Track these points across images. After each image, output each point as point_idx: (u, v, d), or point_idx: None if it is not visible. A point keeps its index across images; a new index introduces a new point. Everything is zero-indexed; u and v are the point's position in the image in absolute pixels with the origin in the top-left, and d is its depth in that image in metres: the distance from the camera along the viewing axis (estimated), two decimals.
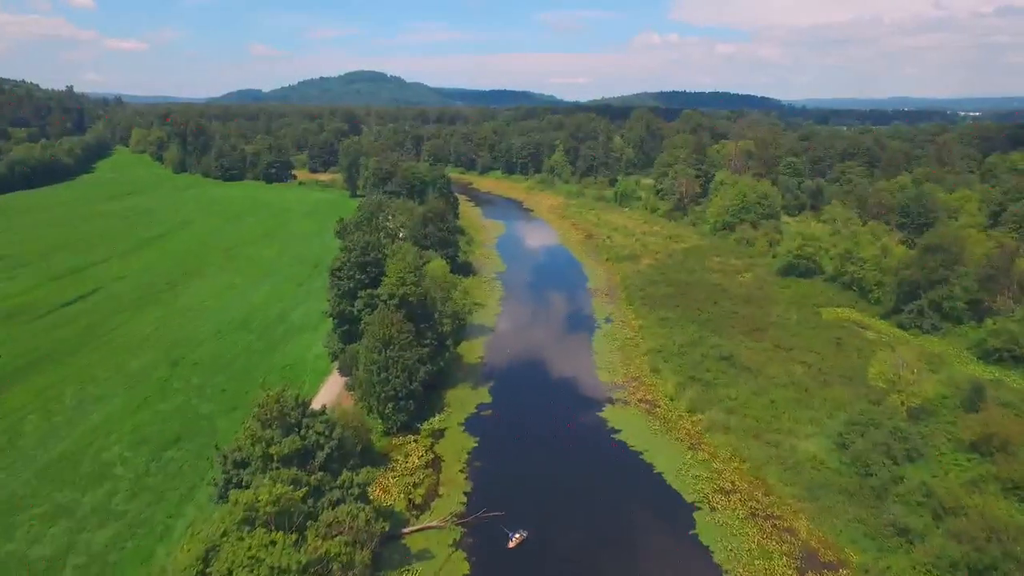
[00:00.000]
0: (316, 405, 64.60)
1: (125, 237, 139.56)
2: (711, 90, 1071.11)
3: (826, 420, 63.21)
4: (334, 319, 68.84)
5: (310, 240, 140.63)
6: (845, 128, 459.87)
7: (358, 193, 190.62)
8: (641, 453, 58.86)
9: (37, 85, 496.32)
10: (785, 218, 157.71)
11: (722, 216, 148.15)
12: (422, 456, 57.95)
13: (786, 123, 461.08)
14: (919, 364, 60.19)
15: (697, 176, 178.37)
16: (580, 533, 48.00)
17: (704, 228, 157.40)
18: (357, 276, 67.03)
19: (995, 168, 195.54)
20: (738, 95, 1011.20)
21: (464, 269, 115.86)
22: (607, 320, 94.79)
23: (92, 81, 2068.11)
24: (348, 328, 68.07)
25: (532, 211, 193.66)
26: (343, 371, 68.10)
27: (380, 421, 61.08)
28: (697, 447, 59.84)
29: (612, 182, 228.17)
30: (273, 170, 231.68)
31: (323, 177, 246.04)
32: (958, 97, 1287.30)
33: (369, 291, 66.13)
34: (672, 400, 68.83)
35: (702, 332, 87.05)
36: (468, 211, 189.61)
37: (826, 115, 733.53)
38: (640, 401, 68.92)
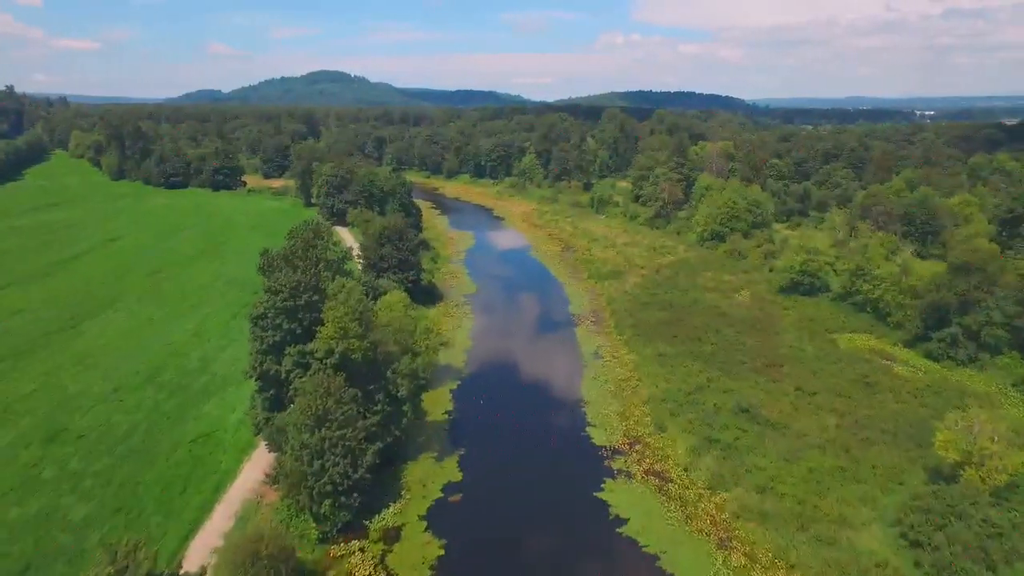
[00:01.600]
0: (233, 496, 49.61)
1: (35, 258, 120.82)
2: (676, 89, 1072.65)
3: (881, 497, 50.59)
4: (256, 380, 53.59)
5: (253, 259, 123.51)
6: (811, 127, 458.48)
7: (313, 202, 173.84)
8: (658, 557, 45.22)
9: None
10: (775, 225, 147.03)
11: (710, 225, 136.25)
12: None
13: (754, 123, 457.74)
14: (1001, 429, 47.84)
15: (679, 180, 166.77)
16: None
17: (690, 237, 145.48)
18: (285, 326, 51.95)
19: (980, 169, 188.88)
20: (703, 94, 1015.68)
21: (428, 293, 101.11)
22: (596, 355, 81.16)
23: (41, 82, 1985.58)
24: (275, 393, 52.92)
25: (503, 219, 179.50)
26: (272, 446, 52.91)
27: (314, 523, 46.23)
28: (728, 544, 46.42)
29: (587, 186, 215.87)
30: (220, 176, 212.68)
31: (277, 183, 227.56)
32: (910, 97, 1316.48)
33: (299, 347, 51.08)
34: (687, 471, 55.38)
35: (708, 371, 74.10)
36: (434, 220, 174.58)
37: (791, 114, 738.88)
38: (647, 473, 55.30)
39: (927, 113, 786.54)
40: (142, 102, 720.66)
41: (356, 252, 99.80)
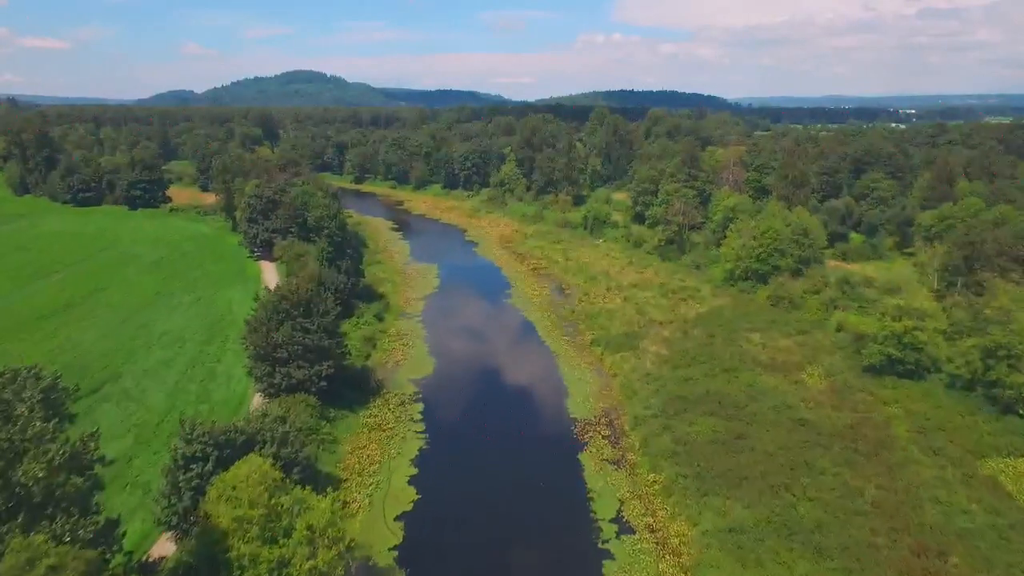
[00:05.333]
0: None
1: None
2: (657, 89, 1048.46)
3: None
4: None
5: (132, 316, 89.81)
6: (801, 127, 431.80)
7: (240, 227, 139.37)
8: None
9: None
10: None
11: (745, 261, 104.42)
12: None
13: (746, 123, 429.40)
14: None
15: (694, 196, 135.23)
16: None
17: (714, 273, 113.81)
18: None
19: None
20: (685, 93, 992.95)
21: (357, 386, 67.69)
22: (620, 525, 48.39)
23: (9, 82, 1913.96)
24: None
25: (477, 245, 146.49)
26: None
27: None
28: None
29: (577, 199, 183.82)
30: (138, 192, 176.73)
31: (211, 199, 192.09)
32: (887, 95, 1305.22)
33: None
34: None
35: (827, 572, 41.82)
36: (391, 248, 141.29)
37: (777, 113, 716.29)
38: None
39: (909, 111, 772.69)
40: (114, 103, 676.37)
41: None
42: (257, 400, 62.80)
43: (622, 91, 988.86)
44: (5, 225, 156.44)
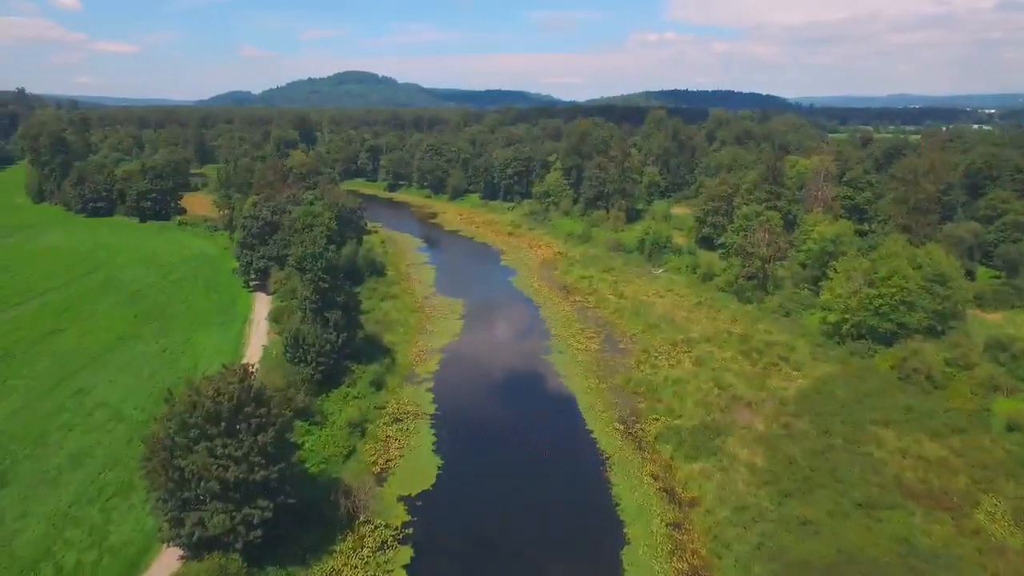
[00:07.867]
0: None
1: None
2: (712, 88, 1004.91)
3: None
4: None
5: (74, 376, 72.00)
6: (871, 128, 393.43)
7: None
8: None
9: None
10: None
11: (858, 313, 79.34)
12: None
13: (814, 125, 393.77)
14: None
15: (779, 219, 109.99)
16: None
17: (808, 322, 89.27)
18: None
19: None
20: (742, 93, 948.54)
21: (315, 519, 46.90)
22: None
23: (83, 84, 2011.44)
24: None
25: (515, 272, 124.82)
26: None
27: None
28: None
29: (631, 213, 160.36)
30: (149, 202, 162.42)
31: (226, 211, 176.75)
32: (955, 94, 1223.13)
33: None
34: None
35: None
36: (414, 276, 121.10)
37: (844, 114, 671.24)
38: None
39: (989, 111, 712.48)
40: (172, 103, 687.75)
41: (254, 366, 45.59)
42: (164, 552, 42.87)
43: (676, 91, 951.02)
44: (5, 238, 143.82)
